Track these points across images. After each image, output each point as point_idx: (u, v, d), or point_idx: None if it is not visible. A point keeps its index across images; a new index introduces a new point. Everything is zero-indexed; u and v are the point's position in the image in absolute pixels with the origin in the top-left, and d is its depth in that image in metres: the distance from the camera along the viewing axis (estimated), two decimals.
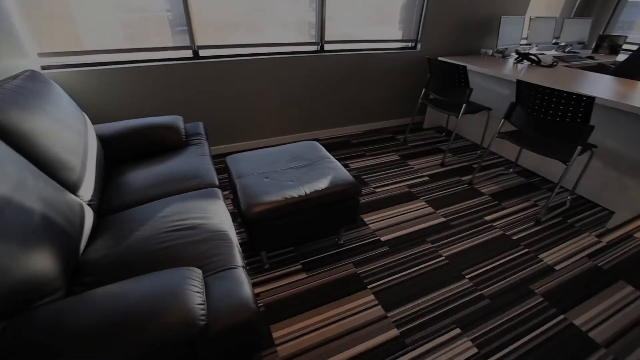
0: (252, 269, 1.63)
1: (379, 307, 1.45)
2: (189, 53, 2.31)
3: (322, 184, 1.52)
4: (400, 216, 2.02)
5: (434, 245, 1.81)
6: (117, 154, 1.72)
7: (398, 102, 3.26)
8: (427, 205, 2.13)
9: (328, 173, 1.61)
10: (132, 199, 1.43)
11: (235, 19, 2.35)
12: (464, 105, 2.42)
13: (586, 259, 1.76)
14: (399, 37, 2.98)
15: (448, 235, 1.89)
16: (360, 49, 2.84)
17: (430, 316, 1.42)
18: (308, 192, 1.48)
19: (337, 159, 2.67)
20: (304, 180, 1.56)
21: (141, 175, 1.57)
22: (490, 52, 3.19)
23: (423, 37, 2.99)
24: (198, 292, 0.86)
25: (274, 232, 1.49)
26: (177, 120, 1.90)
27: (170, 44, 2.23)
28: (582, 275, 1.66)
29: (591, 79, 2.37)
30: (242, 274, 1.02)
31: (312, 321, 1.38)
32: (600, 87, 2.16)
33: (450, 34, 3.09)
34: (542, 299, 1.52)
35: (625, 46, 3.67)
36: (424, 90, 2.79)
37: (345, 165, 2.58)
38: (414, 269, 1.65)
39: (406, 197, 2.20)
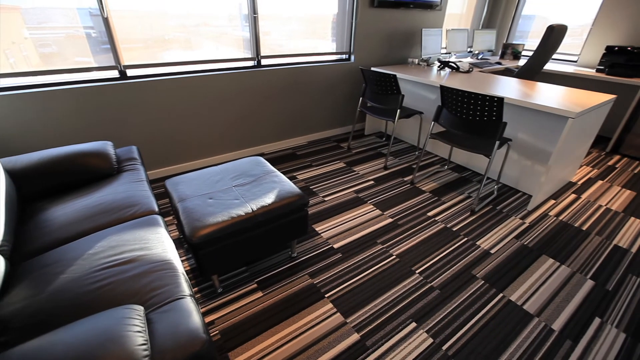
0: (204, 295, 1.54)
1: (338, 314, 1.46)
2: (115, 73, 2.16)
3: (269, 199, 1.51)
4: (351, 222, 2.08)
5: (384, 245, 1.88)
6: (34, 189, 1.53)
7: (339, 112, 3.38)
8: (375, 208, 2.22)
9: (274, 187, 1.60)
10: (56, 238, 1.27)
11: (168, 36, 2.26)
12: (398, 110, 2.59)
13: (514, 240, 1.97)
14: (334, 50, 3.11)
15: (396, 234, 1.98)
16: (297, 63, 2.90)
17: (387, 315, 1.47)
18: (255, 208, 1.45)
19: (283, 171, 2.67)
20: (250, 197, 1.53)
21: (66, 210, 1.41)
22: (417, 61, 3.47)
23: (356, 49, 3.16)
24: (139, 332, 0.79)
25: (223, 254, 1.43)
26: (106, 145, 1.75)
27: (93, 64, 2.07)
28: (513, 255, 1.85)
29: (500, 82, 2.70)
30: (189, 304, 0.96)
31: (272, 340, 1.35)
32: (508, 88, 2.47)
33: (380, 45, 3.31)
34: (483, 281, 1.67)
35: (524, 52, 4.26)
36: (361, 99, 2.93)
37: (293, 177, 2.59)
38: (368, 271, 1.70)
39: (355, 203, 2.28)
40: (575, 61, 3.92)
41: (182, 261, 1.74)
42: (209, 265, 1.41)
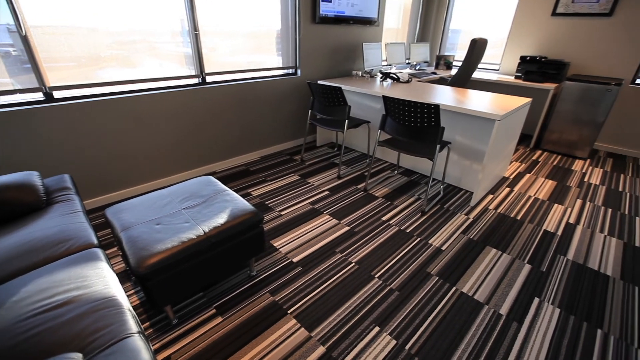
0: (158, 329, 1.43)
1: (302, 329, 1.44)
2: (39, 95, 1.96)
3: (221, 219, 1.46)
4: (309, 233, 2.08)
5: (343, 254, 1.91)
6: None
7: (289, 125, 3.41)
8: (332, 218, 2.25)
9: (226, 206, 1.55)
10: None
11: (104, 53, 2.12)
12: (347, 121, 2.68)
13: (462, 235, 2.12)
14: (280, 65, 3.15)
15: (354, 241, 2.02)
16: (244, 79, 2.88)
17: (351, 323, 1.48)
18: (207, 230, 1.40)
19: (237, 189, 2.61)
20: (201, 218, 1.47)
21: None
22: (360, 73, 3.64)
23: (301, 63, 3.23)
24: None
25: (176, 282, 1.34)
26: (31, 176, 1.57)
27: (14, 86, 1.86)
28: (461, 249, 1.98)
29: (436, 90, 2.93)
30: (137, 342, 0.88)
31: None
32: (443, 96, 2.68)
33: (325, 59, 3.42)
34: (437, 277, 1.76)
35: (455, 62, 4.68)
36: (310, 111, 2.99)
37: (247, 194, 2.53)
38: (329, 281, 1.71)
39: (311, 214, 2.29)
40: (498, 69, 4.39)
41: (130, 295, 1.60)
42: (160, 296, 1.32)
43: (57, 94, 2.01)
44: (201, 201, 1.62)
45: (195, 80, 2.61)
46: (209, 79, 2.68)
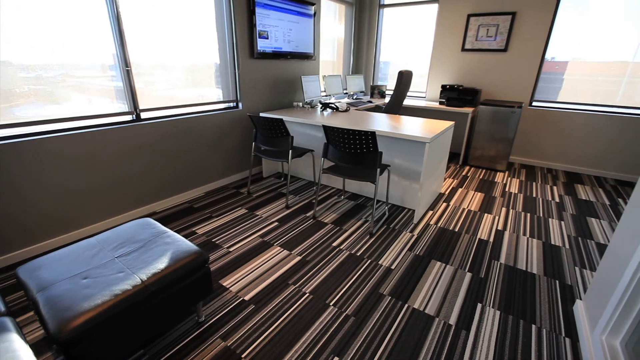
0: None
1: None
2: None
3: (161, 264, 1.35)
4: (260, 268, 2.01)
5: (296, 285, 1.87)
6: None
7: (233, 158, 3.35)
8: (282, 249, 2.21)
9: (167, 250, 1.45)
10: None
11: (20, 89, 1.91)
12: (290, 151, 2.73)
13: (408, 252, 2.22)
14: (221, 99, 3.14)
15: (307, 271, 2.00)
16: (184, 114, 2.81)
17: (309, 357, 1.43)
18: (145, 278, 1.28)
19: (181, 228, 2.45)
20: (138, 266, 1.34)
21: None
22: (301, 104, 3.77)
23: (242, 96, 3.25)
24: None
25: (109, 343, 1.19)
26: None
27: None
28: (409, 266, 2.07)
29: (373, 118, 3.14)
30: None
31: None
32: (379, 123, 2.88)
33: (265, 92, 3.49)
34: (389, 297, 1.80)
35: (387, 91, 5.11)
36: (253, 143, 2.99)
37: (192, 233, 2.39)
38: (283, 316, 1.65)
39: (261, 248, 2.23)
40: (425, 97, 4.88)
41: None
42: None
43: None
44: (138, 246, 1.49)
45: (128, 117, 2.47)
46: (144, 115, 2.56)
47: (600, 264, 1.60)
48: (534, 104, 4.08)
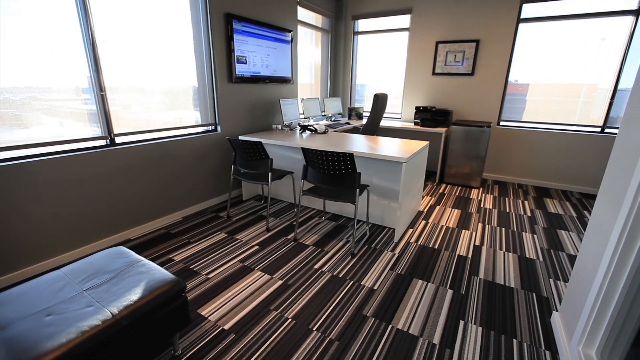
0: None
1: None
2: None
3: (134, 295, 1.29)
4: (240, 294, 1.95)
5: (278, 311, 1.82)
6: None
7: (212, 182, 3.31)
8: (263, 274, 2.16)
9: (140, 280, 1.38)
10: None
11: None
12: (270, 173, 2.73)
13: (390, 271, 2.22)
14: (199, 122, 3.12)
15: (288, 295, 1.96)
16: (161, 137, 2.76)
17: None
18: (116, 312, 1.21)
19: (156, 256, 2.35)
20: (109, 298, 1.27)
21: None
22: (280, 126, 3.82)
23: (221, 120, 3.25)
24: None
25: None
26: None
27: None
28: (391, 286, 2.07)
29: (351, 139, 3.22)
30: None
31: None
32: (357, 144, 2.95)
33: (244, 115, 3.51)
34: (373, 319, 1.78)
35: (365, 113, 5.27)
36: (232, 166, 2.97)
37: (169, 260, 2.30)
38: (265, 344, 1.59)
39: (242, 273, 2.17)
40: (400, 118, 5.07)
41: None
42: None
43: None
44: (109, 277, 1.41)
45: (102, 142, 2.40)
46: (120, 139, 2.50)
47: (571, 275, 1.67)
48: (502, 123, 4.32)
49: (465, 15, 4.17)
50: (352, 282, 2.10)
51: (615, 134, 3.70)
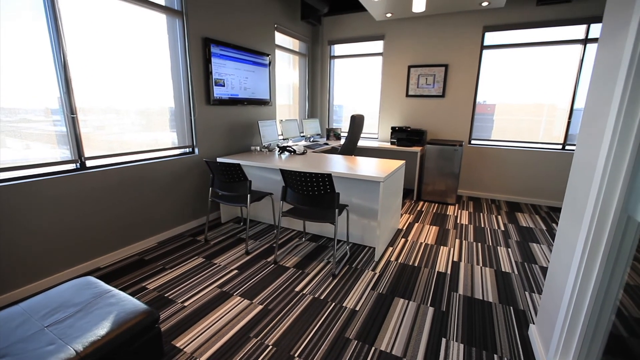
0: None
1: None
2: None
3: (102, 329, 1.21)
4: (218, 322, 1.87)
5: (258, 338, 1.75)
6: None
7: (190, 204, 3.22)
8: (243, 299, 2.09)
9: (109, 312, 1.30)
10: None
11: None
12: (249, 195, 2.70)
13: (372, 291, 2.21)
14: (176, 144, 3.07)
15: (269, 321, 1.89)
16: (135, 160, 2.69)
17: None
18: (81, 349, 1.12)
19: (128, 284, 2.23)
20: (73, 335, 1.18)
21: None
22: (259, 148, 3.82)
23: (199, 142, 3.22)
24: None
25: None
26: None
27: None
28: (373, 306, 2.05)
29: (329, 160, 3.26)
30: None
31: None
32: (335, 164, 2.99)
33: (222, 137, 3.50)
34: (356, 341, 1.75)
35: (343, 133, 5.38)
36: (210, 188, 2.92)
37: (142, 289, 2.19)
38: None
39: (220, 299, 2.09)
40: (377, 137, 5.20)
41: None
42: None
43: None
44: (75, 311, 1.32)
45: (71, 166, 2.31)
46: (91, 162, 2.41)
47: (544, 287, 1.73)
48: (473, 142, 4.53)
49: (434, 42, 4.43)
50: (333, 304, 2.07)
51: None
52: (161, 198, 2.92)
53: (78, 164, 2.35)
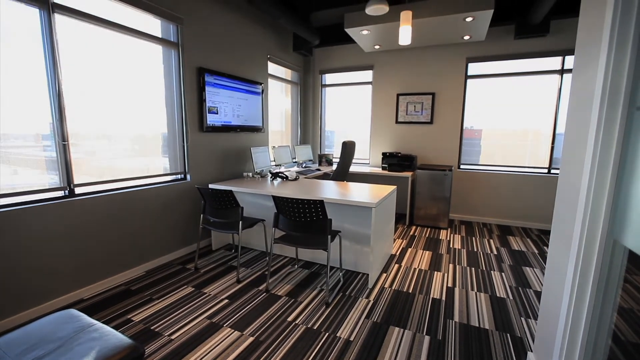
0: None
1: None
2: None
3: None
4: (207, 356, 1.79)
5: None
6: None
7: (180, 232, 3.17)
8: (233, 330, 2.01)
9: (91, 348, 1.24)
10: None
11: None
12: (240, 222, 2.67)
13: (366, 320, 2.16)
14: (168, 171, 3.06)
15: (260, 353, 1.82)
16: (126, 187, 2.66)
17: None
18: None
19: (112, 317, 2.14)
20: None
21: None
22: (251, 174, 3.83)
23: (191, 168, 3.22)
24: None
25: None
26: None
27: None
28: (368, 335, 1.99)
29: (321, 185, 3.28)
30: None
31: None
32: (327, 190, 3.01)
33: (214, 164, 3.51)
34: None
35: (334, 159, 5.45)
36: (202, 215, 2.88)
37: (127, 322, 2.09)
38: None
39: (209, 331, 2.01)
40: (368, 163, 5.28)
41: None
42: None
43: None
44: (54, 347, 1.26)
45: (59, 193, 2.27)
46: (80, 189, 2.38)
47: (539, 313, 1.71)
48: (462, 166, 4.63)
49: (421, 71, 4.63)
50: (327, 334, 2.01)
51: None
52: (151, 225, 2.87)
53: (67, 191, 2.32)
